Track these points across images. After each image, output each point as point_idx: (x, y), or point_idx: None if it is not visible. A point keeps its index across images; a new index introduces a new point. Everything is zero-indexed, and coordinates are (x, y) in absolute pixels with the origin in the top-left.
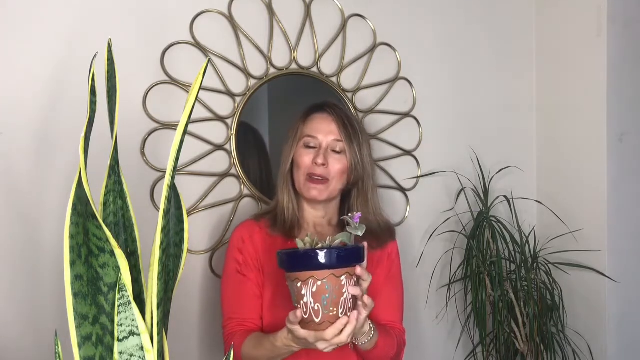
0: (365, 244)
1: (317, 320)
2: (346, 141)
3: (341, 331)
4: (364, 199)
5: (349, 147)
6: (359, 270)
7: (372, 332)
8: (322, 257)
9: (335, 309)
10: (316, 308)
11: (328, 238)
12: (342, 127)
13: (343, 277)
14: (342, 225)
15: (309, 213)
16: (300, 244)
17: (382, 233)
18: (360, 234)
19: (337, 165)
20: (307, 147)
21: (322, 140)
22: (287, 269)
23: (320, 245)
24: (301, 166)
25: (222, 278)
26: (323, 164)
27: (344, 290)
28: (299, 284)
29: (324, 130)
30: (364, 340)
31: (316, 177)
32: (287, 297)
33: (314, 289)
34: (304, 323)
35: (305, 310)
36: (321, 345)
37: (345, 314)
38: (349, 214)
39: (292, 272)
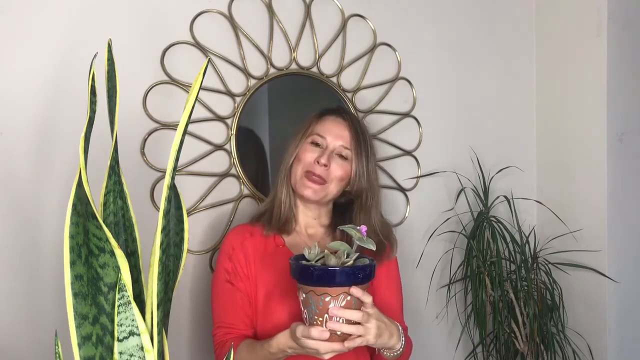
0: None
1: (339, 334)
2: (355, 150)
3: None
4: (367, 214)
5: (356, 157)
6: (358, 292)
7: (401, 349)
8: (361, 274)
9: (354, 321)
10: (341, 322)
11: (343, 253)
12: (354, 136)
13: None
14: (333, 227)
15: (302, 213)
16: (332, 260)
17: (383, 250)
18: (373, 248)
19: (338, 171)
20: (314, 144)
21: (330, 142)
22: (318, 284)
23: (338, 259)
24: (302, 161)
25: (212, 284)
26: (325, 165)
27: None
28: (327, 299)
29: (335, 133)
30: (391, 354)
31: (314, 176)
32: (281, 301)
33: (343, 304)
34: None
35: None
36: (327, 356)
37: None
38: (357, 227)
39: (322, 287)
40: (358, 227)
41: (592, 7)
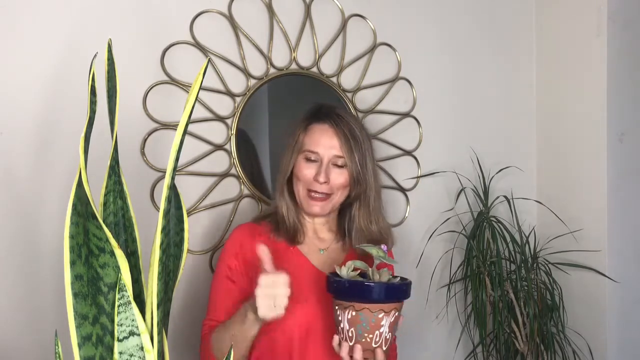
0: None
1: (384, 349)
2: (348, 156)
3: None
4: (366, 209)
5: (350, 162)
6: None
7: None
8: (409, 289)
9: (394, 336)
10: (388, 337)
11: (384, 271)
12: (344, 141)
13: None
14: (342, 231)
15: (309, 222)
16: (385, 277)
17: (385, 242)
18: (396, 263)
19: (339, 180)
20: (308, 160)
21: (323, 155)
22: (377, 301)
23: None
24: (301, 179)
25: (213, 277)
26: (325, 182)
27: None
28: (380, 315)
29: (325, 145)
30: None
31: (318, 194)
32: (293, 303)
33: (392, 319)
34: (368, 351)
35: (377, 340)
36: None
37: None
38: (379, 246)
39: (379, 304)
40: (379, 246)
41: (592, 7)
